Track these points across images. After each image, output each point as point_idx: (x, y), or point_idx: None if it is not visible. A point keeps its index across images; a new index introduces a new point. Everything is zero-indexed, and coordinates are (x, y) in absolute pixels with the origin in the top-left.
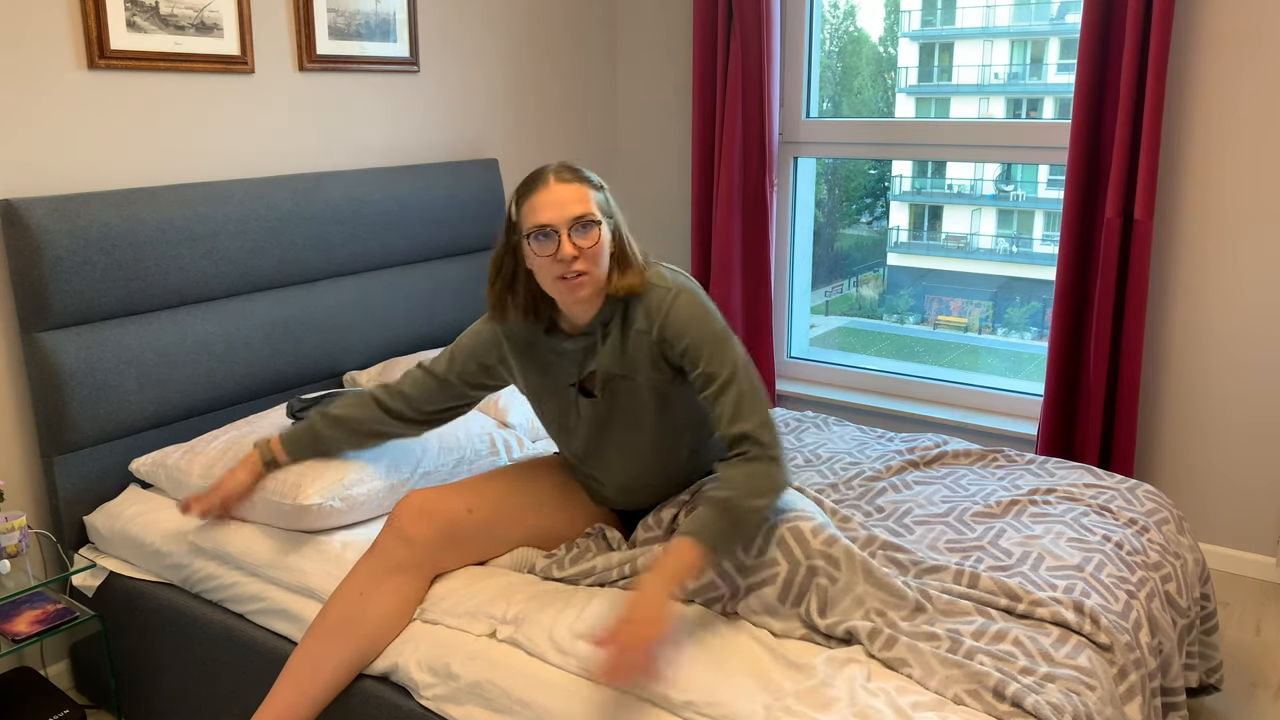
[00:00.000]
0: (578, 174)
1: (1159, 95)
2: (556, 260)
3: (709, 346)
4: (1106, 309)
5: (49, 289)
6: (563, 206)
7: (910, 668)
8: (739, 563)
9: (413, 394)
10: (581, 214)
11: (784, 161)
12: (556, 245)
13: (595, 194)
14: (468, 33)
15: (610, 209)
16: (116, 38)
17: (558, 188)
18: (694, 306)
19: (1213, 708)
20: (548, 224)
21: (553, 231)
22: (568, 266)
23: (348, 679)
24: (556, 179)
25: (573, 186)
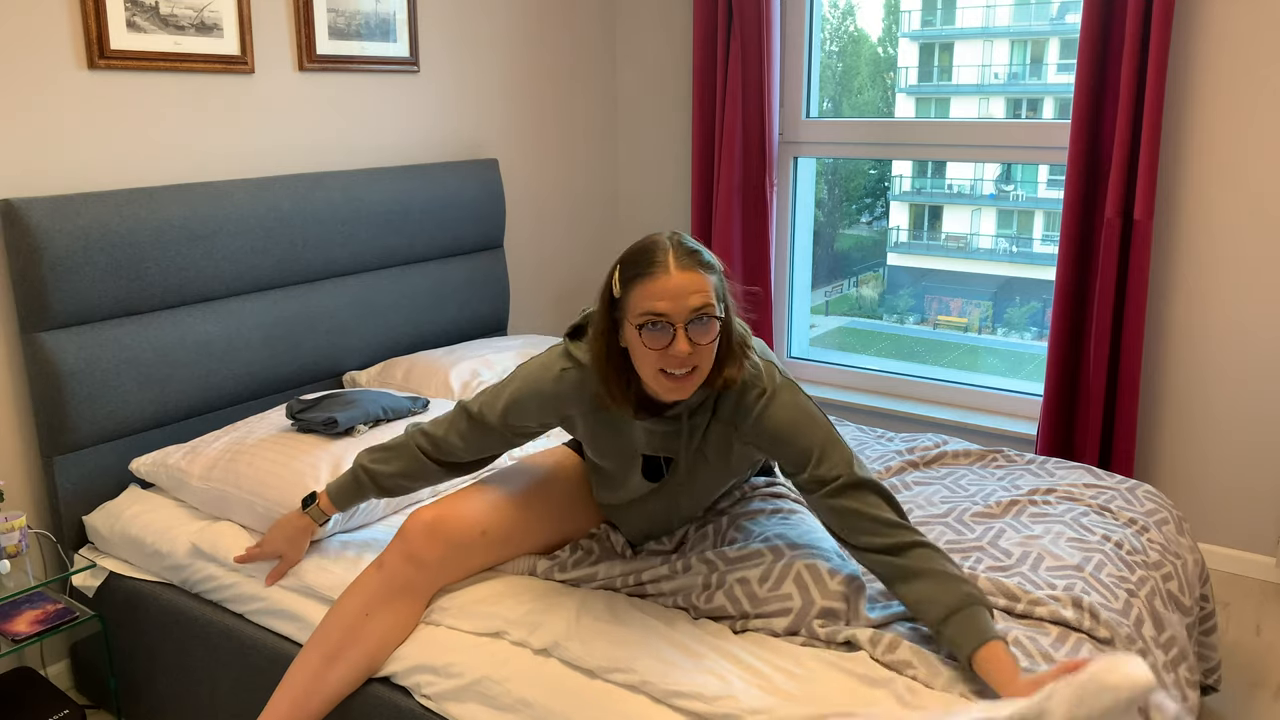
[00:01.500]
0: (697, 257)
1: (1159, 95)
2: (668, 355)
3: (818, 445)
4: (1106, 309)
5: (49, 289)
6: (683, 298)
7: (914, 668)
8: (752, 593)
9: (460, 445)
10: (702, 306)
11: (784, 161)
12: (670, 339)
13: (713, 279)
14: (467, 33)
15: (725, 294)
16: (116, 38)
17: (678, 276)
18: (793, 410)
19: (1212, 708)
20: (664, 315)
21: (669, 325)
22: (680, 363)
23: (347, 694)
24: (678, 266)
25: (694, 275)
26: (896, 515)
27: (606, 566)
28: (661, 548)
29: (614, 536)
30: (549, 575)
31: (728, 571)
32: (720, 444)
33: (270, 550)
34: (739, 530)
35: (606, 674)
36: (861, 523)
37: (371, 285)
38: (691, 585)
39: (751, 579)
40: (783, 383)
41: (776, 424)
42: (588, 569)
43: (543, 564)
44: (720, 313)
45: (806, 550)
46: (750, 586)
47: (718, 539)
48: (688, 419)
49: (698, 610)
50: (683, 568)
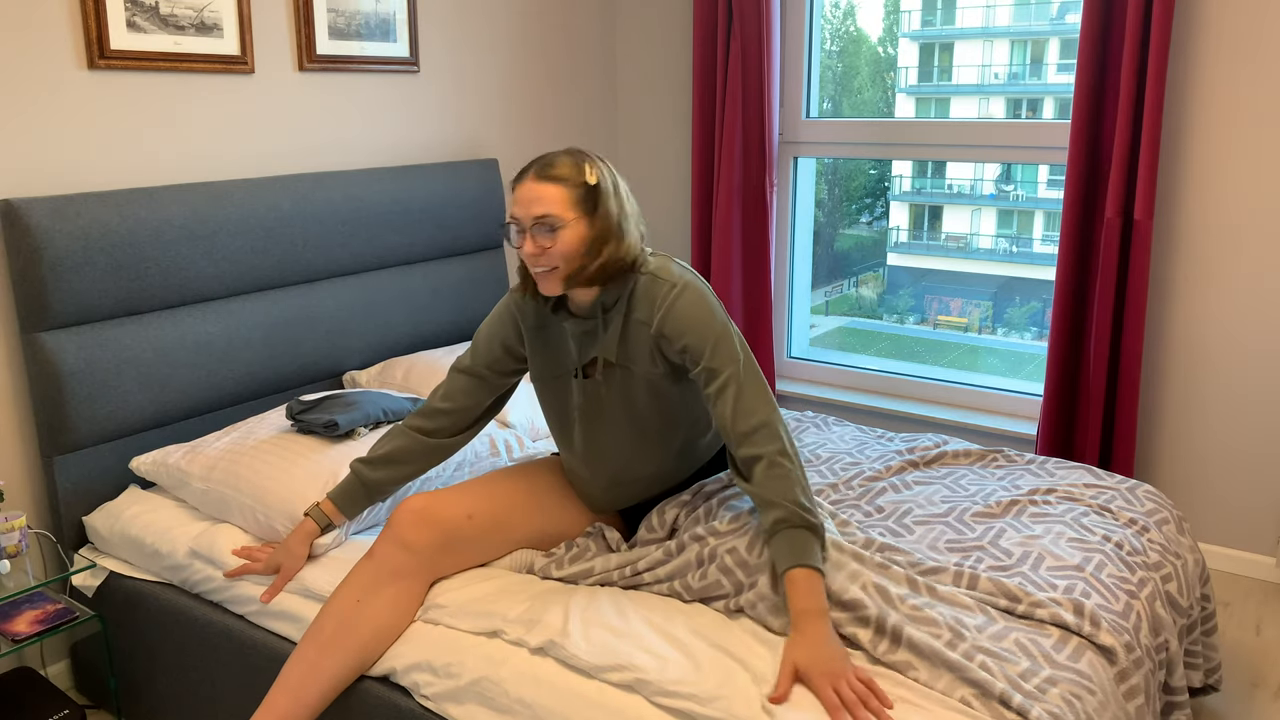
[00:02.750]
0: (550, 171)
1: (1159, 95)
2: (523, 253)
3: (710, 344)
4: (1106, 309)
5: (49, 289)
6: (528, 205)
7: (915, 670)
8: (742, 560)
9: (448, 406)
10: (543, 214)
11: (784, 161)
12: (523, 240)
13: (573, 192)
14: (467, 33)
15: (599, 202)
16: (116, 38)
17: (530, 186)
18: (697, 304)
19: (1212, 708)
20: (515, 219)
21: (520, 228)
22: (531, 261)
23: (345, 685)
24: (535, 176)
25: (546, 186)
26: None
27: (603, 560)
28: (655, 536)
29: (609, 534)
30: (546, 572)
31: (719, 544)
32: (638, 343)
33: (268, 564)
34: (728, 509)
35: (603, 673)
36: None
37: (371, 285)
38: (686, 566)
39: (740, 547)
40: (693, 282)
41: (681, 316)
42: (584, 564)
43: (540, 561)
44: (567, 222)
45: None
46: (740, 555)
47: (708, 518)
48: (602, 315)
49: (693, 591)
50: (676, 548)
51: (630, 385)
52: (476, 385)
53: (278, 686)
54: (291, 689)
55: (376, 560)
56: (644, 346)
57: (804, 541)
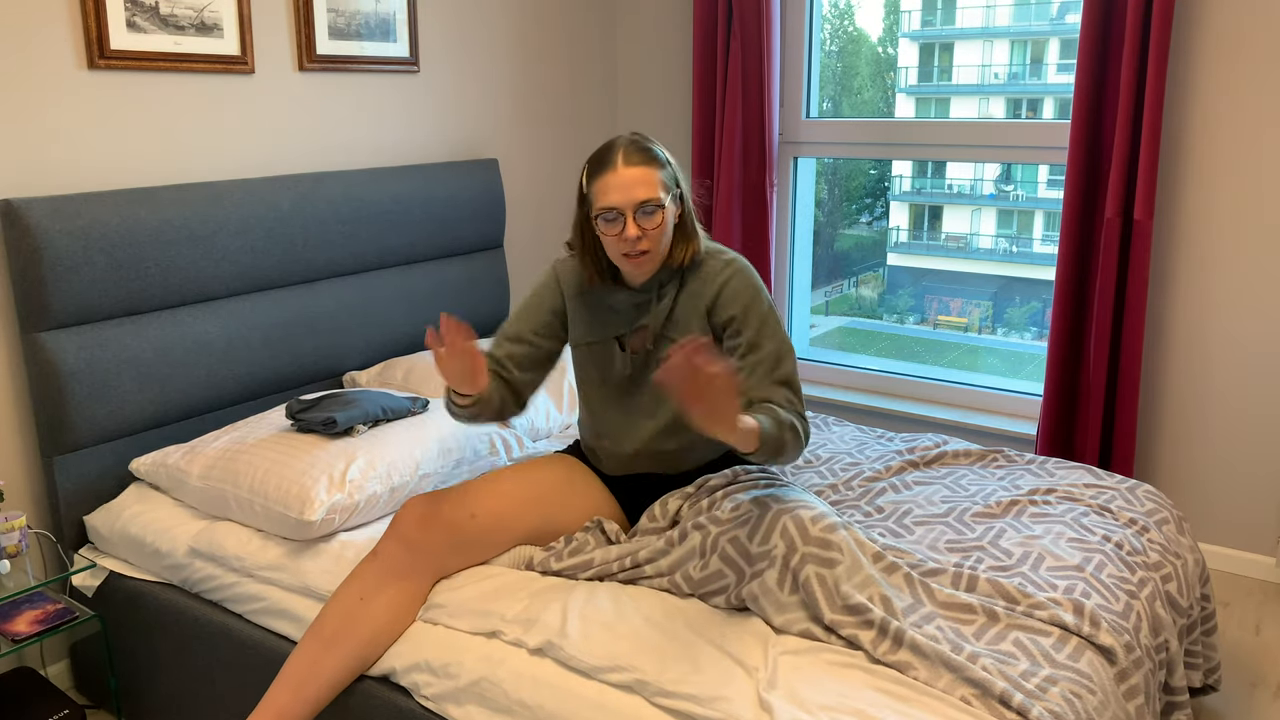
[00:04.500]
0: (645, 153)
1: (1159, 95)
2: (622, 239)
3: (758, 318)
4: (1106, 309)
5: (49, 289)
6: (629, 190)
7: (915, 670)
8: (744, 549)
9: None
10: (647, 199)
11: (784, 161)
12: (622, 227)
13: (661, 173)
14: (468, 33)
15: (675, 183)
16: (116, 38)
17: (625, 171)
18: (750, 282)
19: (1212, 708)
20: (614, 206)
21: (619, 215)
22: (633, 245)
23: (345, 683)
24: (625, 161)
25: (639, 170)
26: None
27: (602, 552)
28: (656, 525)
29: (608, 526)
30: (545, 566)
31: (720, 534)
32: (687, 312)
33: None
34: (730, 500)
35: (602, 674)
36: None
37: (371, 285)
38: (688, 555)
39: (741, 536)
40: (746, 263)
41: (736, 289)
42: (584, 557)
43: (539, 555)
44: (665, 202)
45: (792, 503)
46: (741, 544)
47: (710, 510)
48: (657, 290)
49: (694, 583)
50: (679, 536)
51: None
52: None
53: (279, 682)
54: (292, 685)
55: (380, 559)
56: (694, 318)
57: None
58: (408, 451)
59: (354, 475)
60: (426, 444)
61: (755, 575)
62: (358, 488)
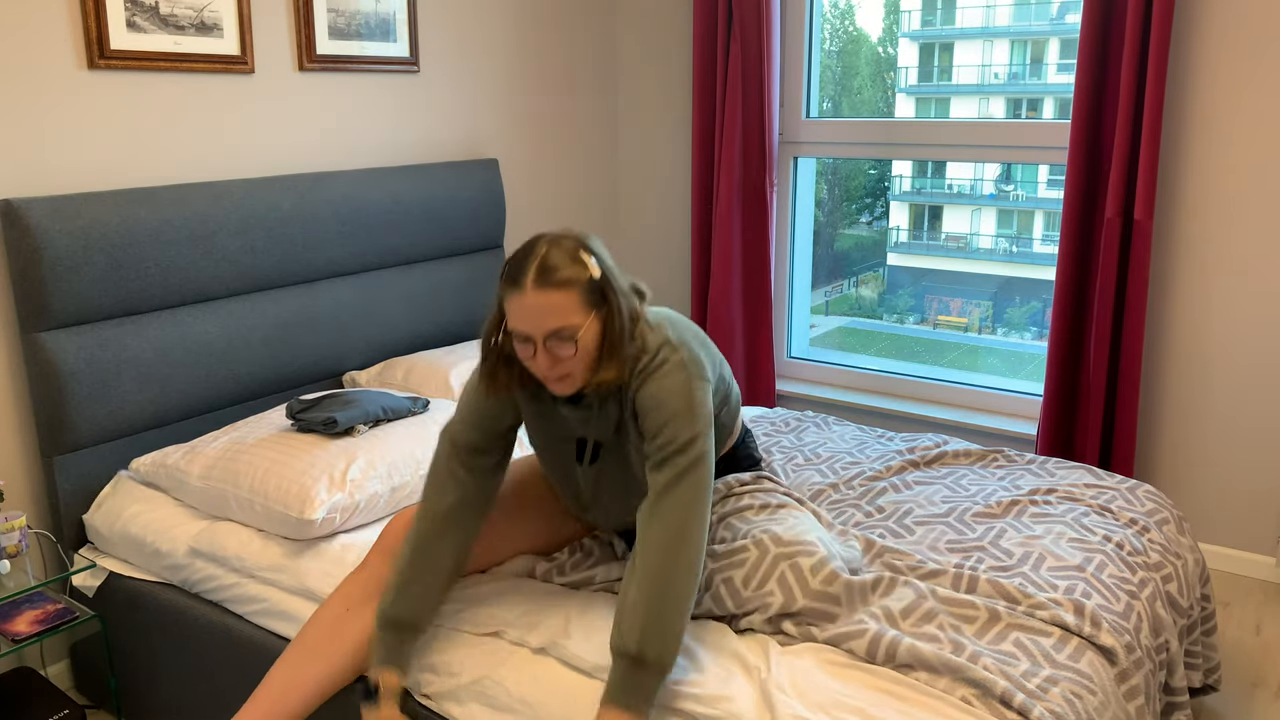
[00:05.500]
0: (559, 275)
1: (1159, 95)
2: (535, 364)
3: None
4: (1106, 309)
5: (49, 289)
6: (540, 319)
7: (915, 671)
8: (737, 594)
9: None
10: (558, 328)
11: (784, 161)
12: (533, 352)
13: (580, 292)
14: (468, 33)
15: (603, 294)
16: (116, 38)
17: (534, 296)
18: (668, 380)
19: (1212, 708)
20: (524, 333)
21: (529, 340)
22: (546, 373)
23: (328, 693)
24: (535, 284)
25: (552, 296)
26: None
27: (605, 570)
28: None
29: (615, 542)
30: (548, 578)
31: (715, 571)
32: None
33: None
34: (727, 529)
35: (604, 673)
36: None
37: (371, 285)
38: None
39: (736, 579)
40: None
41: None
42: (586, 572)
43: (541, 566)
44: (581, 329)
45: (792, 547)
46: (734, 586)
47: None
48: (598, 406)
49: None
50: None
51: (627, 456)
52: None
53: (261, 689)
54: (275, 693)
55: (368, 571)
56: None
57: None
58: (408, 451)
59: (354, 475)
60: (427, 443)
61: (746, 615)
62: (358, 487)
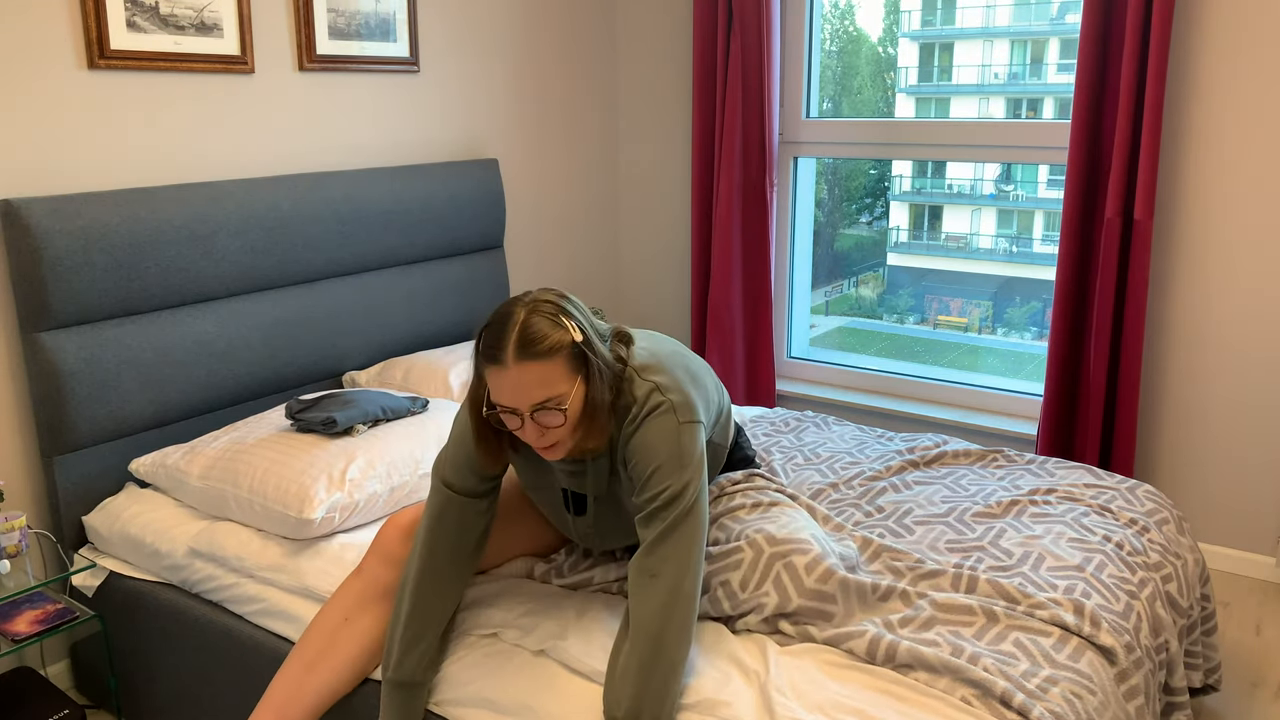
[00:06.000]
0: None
1: (1159, 95)
2: (524, 436)
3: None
4: (1106, 309)
5: (49, 289)
6: (525, 393)
7: (915, 671)
8: (733, 595)
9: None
10: (545, 399)
11: (784, 161)
12: (520, 424)
13: (564, 361)
14: (468, 33)
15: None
16: (116, 38)
17: (517, 371)
18: (656, 430)
19: (1212, 708)
20: (508, 406)
21: (515, 414)
22: (537, 442)
23: (330, 703)
24: (516, 358)
25: (533, 368)
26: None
27: (603, 571)
28: None
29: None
30: (545, 579)
31: (711, 574)
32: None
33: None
34: (721, 530)
35: (602, 676)
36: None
37: (371, 285)
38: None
39: (733, 581)
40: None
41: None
42: (584, 574)
43: (540, 568)
44: (569, 399)
45: (786, 545)
46: (731, 588)
47: None
48: (592, 462)
49: None
50: None
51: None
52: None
53: (263, 704)
54: (277, 706)
55: (365, 578)
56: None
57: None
58: (407, 451)
59: (354, 474)
60: (426, 443)
61: (742, 615)
62: (357, 487)
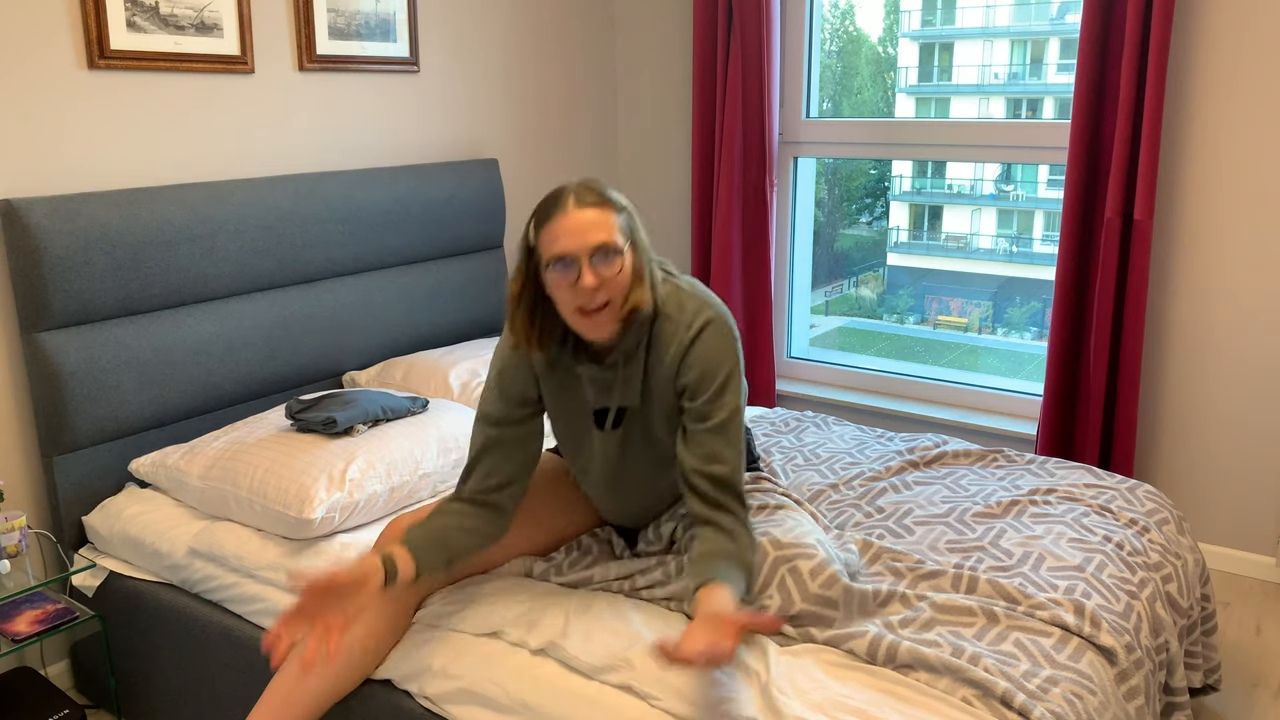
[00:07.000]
0: (600, 196)
1: (1159, 95)
2: (578, 290)
3: (716, 384)
4: (1106, 309)
5: (49, 289)
6: (583, 234)
7: (916, 671)
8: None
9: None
10: (603, 243)
11: (784, 161)
12: (577, 275)
13: (618, 217)
14: (468, 33)
15: (633, 230)
16: (116, 38)
17: (578, 214)
18: (717, 341)
19: (1212, 708)
20: (567, 253)
21: (573, 262)
22: (590, 297)
23: (331, 703)
24: (577, 203)
25: (594, 212)
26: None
27: (602, 569)
28: (653, 548)
29: (614, 539)
30: (545, 577)
31: None
32: (660, 380)
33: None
34: None
35: (603, 674)
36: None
37: (371, 285)
38: (684, 591)
39: None
40: (713, 316)
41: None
42: (584, 572)
43: (539, 566)
44: (624, 248)
45: (791, 550)
46: None
47: None
48: (623, 366)
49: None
50: (676, 569)
51: (651, 421)
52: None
53: (261, 705)
54: (275, 707)
55: None
56: (665, 387)
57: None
58: (408, 451)
59: (354, 474)
60: (426, 443)
61: None
62: (358, 487)
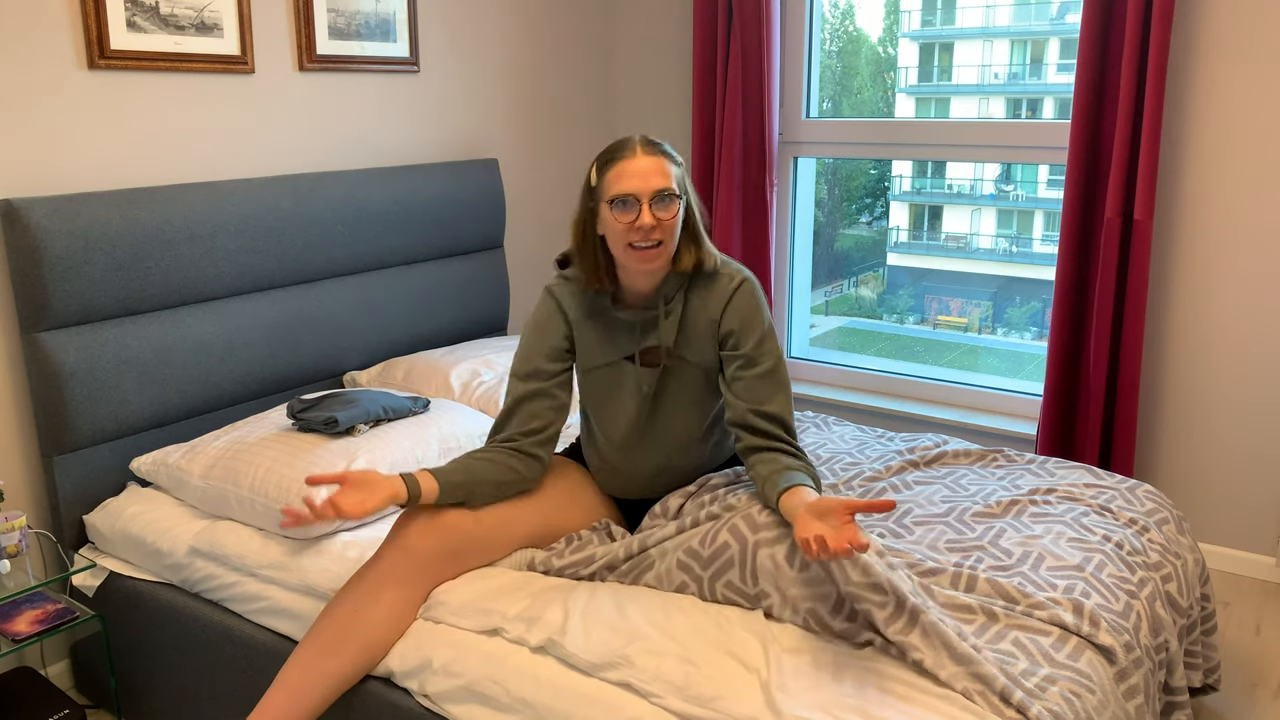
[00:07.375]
0: (660, 148)
1: (1159, 95)
2: (634, 228)
3: (758, 334)
4: (1106, 309)
5: (49, 289)
6: (646, 177)
7: (921, 654)
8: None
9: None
10: (663, 187)
11: (784, 161)
12: (636, 214)
13: (675, 169)
14: (468, 33)
15: (685, 186)
16: (116, 38)
17: (643, 158)
18: (755, 298)
19: (1212, 708)
20: (630, 193)
21: (634, 200)
22: (645, 235)
23: (342, 689)
24: (643, 150)
25: (656, 159)
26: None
27: (605, 547)
28: (658, 522)
29: (614, 530)
30: (547, 565)
31: (732, 516)
32: (698, 325)
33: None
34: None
35: (602, 672)
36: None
37: (371, 285)
38: (696, 532)
39: (754, 511)
40: (751, 276)
41: (741, 305)
42: (586, 553)
43: (540, 555)
44: (678, 196)
45: None
46: (753, 519)
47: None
48: (664, 305)
49: (700, 559)
50: (691, 524)
51: (687, 373)
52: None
53: (276, 686)
54: (290, 689)
55: (380, 566)
56: (703, 335)
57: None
58: (409, 450)
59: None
60: (428, 443)
61: (765, 544)
62: None
